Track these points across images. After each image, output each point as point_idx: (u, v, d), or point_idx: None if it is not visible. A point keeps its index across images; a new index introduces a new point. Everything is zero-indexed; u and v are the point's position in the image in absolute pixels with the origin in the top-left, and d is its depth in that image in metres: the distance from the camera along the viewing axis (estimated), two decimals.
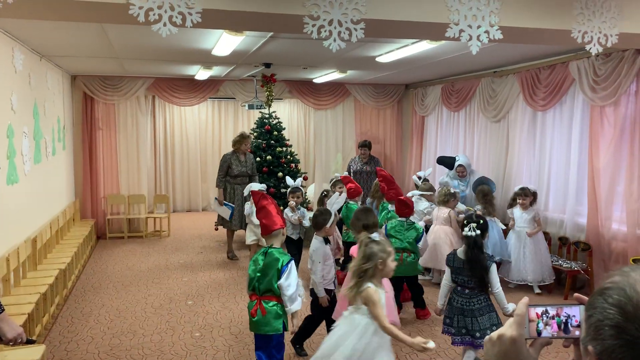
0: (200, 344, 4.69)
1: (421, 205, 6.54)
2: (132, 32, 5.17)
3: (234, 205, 7.40)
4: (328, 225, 4.33)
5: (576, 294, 1.18)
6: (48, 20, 4.39)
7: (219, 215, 7.69)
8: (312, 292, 4.32)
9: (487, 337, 1.17)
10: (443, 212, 6.24)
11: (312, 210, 9.00)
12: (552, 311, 1.16)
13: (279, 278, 3.53)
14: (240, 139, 7.58)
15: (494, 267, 3.91)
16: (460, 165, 7.46)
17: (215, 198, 7.62)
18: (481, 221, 3.97)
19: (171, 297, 5.95)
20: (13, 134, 5.11)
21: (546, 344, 1.16)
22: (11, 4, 3.01)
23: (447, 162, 7.70)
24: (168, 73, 8.67)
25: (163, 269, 7.08)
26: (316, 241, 4.32)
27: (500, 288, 3.91)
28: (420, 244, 5.15)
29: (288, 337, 4.06)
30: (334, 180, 6.73)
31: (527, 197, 6.25)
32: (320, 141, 10.23)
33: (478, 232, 3.88)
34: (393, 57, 6.46)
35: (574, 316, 1.15)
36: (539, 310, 1.16)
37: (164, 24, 3.17)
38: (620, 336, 0.89)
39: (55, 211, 7.01)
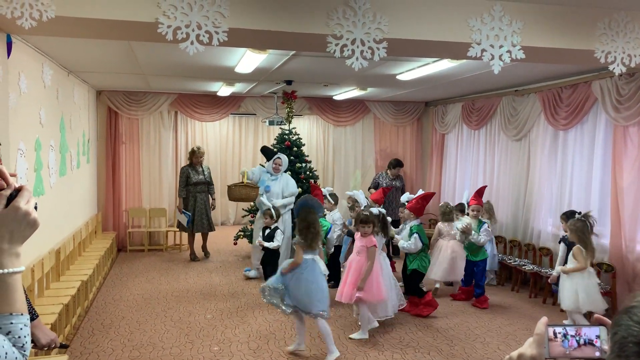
0: (219, 358, 4.70)
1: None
2: (159, 50, 5.29)
3: (190, 213, 8.22)
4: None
5: (596, 315, 1.19)
6: (77, 38, 4.52)
7: (179, 221, 8.36)
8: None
9: (507, 356, 1.18)
10: (449, 227, 6.45)
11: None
12: (571, 331, 1.17)
13: None
14: (191, 154, 8.44)
15: None
16: (278, 158, 7.35)
17: (177, 207, 8.33)
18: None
19: (190, 310, 5.99)
20: (40, 147, 5.24)
21: None
22: (45, 22, 3.12)
23: (267, 152, 7.61)
24: (191, 89, 8.82)
25: (182, 282, 7.13)
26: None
27: None
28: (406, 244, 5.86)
29: None
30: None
31: None
32: (340, 158, 10.28)
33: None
34: (414, 75, 6.50)
35: (593, 337, 1.16)
36: (559, 329, 1.17)
37: (191, 43, 3.25)
38: None
39: (78, 223, 7.13)
